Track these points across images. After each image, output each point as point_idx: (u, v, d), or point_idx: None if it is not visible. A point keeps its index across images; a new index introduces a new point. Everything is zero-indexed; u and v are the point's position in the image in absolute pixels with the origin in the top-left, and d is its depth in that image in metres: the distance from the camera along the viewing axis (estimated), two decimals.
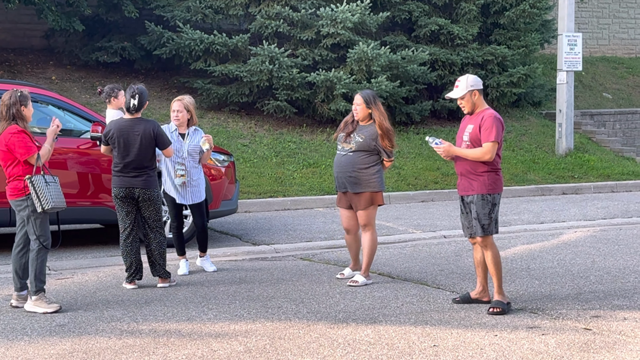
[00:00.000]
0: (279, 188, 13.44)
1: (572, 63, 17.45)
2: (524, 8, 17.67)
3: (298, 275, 8.30)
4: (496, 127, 6.70)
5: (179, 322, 6.53)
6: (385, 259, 9.10)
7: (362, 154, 7.79)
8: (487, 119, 6.75)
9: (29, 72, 16.32)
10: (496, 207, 6.83)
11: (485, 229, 6.78)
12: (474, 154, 6.74)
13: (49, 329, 6.35)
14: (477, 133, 6.76)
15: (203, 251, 8.54)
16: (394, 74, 16.13)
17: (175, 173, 8.13)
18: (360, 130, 7.86)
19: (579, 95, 20.84)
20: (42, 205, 6.71)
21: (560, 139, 17.40)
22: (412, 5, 17.32)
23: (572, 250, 9.58)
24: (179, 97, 8.34)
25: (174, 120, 8.21)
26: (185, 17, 16.26)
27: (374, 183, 7.81)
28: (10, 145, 6.77)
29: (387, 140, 7.79)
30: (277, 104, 15.91)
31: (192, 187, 8.21)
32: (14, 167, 6.83)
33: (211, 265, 8.50)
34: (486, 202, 6.77)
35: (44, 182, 6.75)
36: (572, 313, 6.73)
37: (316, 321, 6.52)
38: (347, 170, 7.81)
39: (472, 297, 7.05)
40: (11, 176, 6.85)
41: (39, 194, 6.71)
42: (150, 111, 15.55)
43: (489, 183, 6.77)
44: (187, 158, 8.16)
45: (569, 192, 15.17)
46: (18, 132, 6.77)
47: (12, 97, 6.84)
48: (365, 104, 7.86)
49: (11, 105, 6.82)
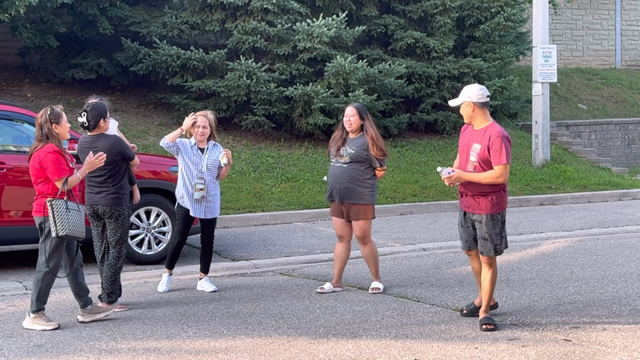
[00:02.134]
0: (258, 203, 13.40)
1: (547, 75, 17.58)
2: (498, 21, 17.80)
3: (278, 291, 8.27)
4: (506, 148, 6.60)
5: (158, 340, 6.48)
6: (364, 272, 9.09)
7: (357, 165, 7.98)
8: (496, 140, 6.60)
9: (4, 90, 16.20)
10: (504, 224, 6.79)
11: (497, 249, 6.73)
12: (487, 178, 6.61)
13: (27, 349, 6.28)
14: (486, 154, 6.63)
15: (205, 272, 8.36)
16: (371, 87, 16.17)
17: (194, 187, 8.09)
18: (350, 143, 8.04)
19: (555, 106, 21.00)
20: (57, 230, 6.70)
21: (536, 150, 17.51)
22: (387, 19, 17.40)
23: (551, 261, 9.62)
24: (203, 112, 8.28)
25: (199, 136, 8.14)
26: (161, 33, 16.23)
27: (366, 196, 8.01)
28: (43, 164, 6.80)
29: (378, 149, 7.96)
30: (255, 118, 15.89)
31: (207, 202, 8.16)
32: (43, 184, 6.86)
33: (211, 285, 8.32)
34: (496, 221, 6.71)
35: (65, 208, 6.75)
36: (552, 324, 6.75)
37: (297, 337, 6.50)
38: (342, 182, 8.01)
39: (477, 306, 6.99)
40: (40, 193, 6.89)
41: (56, 218, 6.70)
42: (127, 127, 15.47)
43: (497, 202, 6.69)
44: (205, 172, 8.14)
45: (546, 203, 15.26)
46: (54, 152, 6.80)
47: (43, 116, 6.86)
48: (358, 115, 8.05)
49: (42, 124, 6.84)
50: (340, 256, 8.23)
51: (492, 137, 6.62)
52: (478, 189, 6.68)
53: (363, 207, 8.02)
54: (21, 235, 9.14)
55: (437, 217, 13.45)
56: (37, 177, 6.88)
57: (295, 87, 15.69)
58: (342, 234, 8.21)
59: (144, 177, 9.63)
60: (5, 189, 8.99)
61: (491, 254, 6.73)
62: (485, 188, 6.65)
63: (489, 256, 6.74)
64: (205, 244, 8.32)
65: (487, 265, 6.80)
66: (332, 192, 8.13)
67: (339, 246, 8.25)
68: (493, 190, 6.65)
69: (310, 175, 14.80)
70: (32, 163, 6.89)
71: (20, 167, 9.05)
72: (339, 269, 8.24)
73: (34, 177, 6.90)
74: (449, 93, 17.73)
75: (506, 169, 6.58)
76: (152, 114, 16.66)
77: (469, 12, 17.95)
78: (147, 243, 9.64)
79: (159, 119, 16.42)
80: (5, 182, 9.00)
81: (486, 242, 6.69)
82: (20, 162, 9.13)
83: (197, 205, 8.15)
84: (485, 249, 6.72)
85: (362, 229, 8.07)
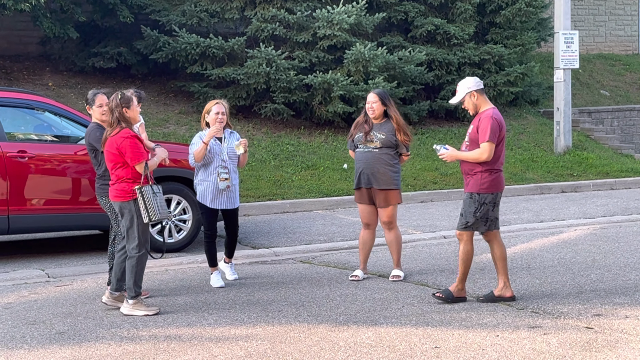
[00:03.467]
0: (278, 191, 13.41)
1: (569, 61, 17.43)
2: (519, 7, 17.66)
3: (298, 279, 8.28)
4: (491, 127, 6.82)
5: (179, 328, 6.51)
6: (385, 260, 9.08)
7: (387, 150, 7.97)
8: (483, 120, 6.89)
9: (25, 79, 16.30)
10: (484, 207, 6.93)
11: (467, 225, 6.97)
12: (472, 156, 6.92)
13: (49, 337, 6.33)
14: (475, 133, 6.93)
15: (229, 257, 8.31)
16: (391, 75, 16.12)
17: (219, 177, 7.93)
18: (378, 129, 8.00)
19: (577, 93, 20.83)
20: (150, 216, 6.79)
21: (558, 137, 17.38)
22: (407, 6, 17.32)
23: (573, 249, 9.57)
24: (217, 100, 8.10)
25: (218, 123, 7.90)
26: (180, 22, 16.24)
27: (395, 181, 8.02)
28: (122, 149, 6.81)
29: (404, 134, 7.97)
30: (274, 106, 15.88)
31: (229, 192, 7.99)
32: (122, 169, 6.87)
33: (233, 273, 8.26)
34: (473, 201, 6.94)
35: (152, 193, 6.83)
36: (574, 312, 6.71)
37: (317, 324, 6.50)
38: (373, 166, 7.96)
39: (496, 295, 7.09)
40: (119, 178, 6.89)
41: (147, 205, 6.79)
42: (148, 116, 15.52)
43: (481, 182, 6.92)
44: (227, 161, 7.98)
45: (568, 190, 15.16)
46: (131, 137, 6.83)
47: (114, 101, 6.88)
48: (381, 102, 8.01)
49: (114, 108, 6.87)
50: (367, 244, 8.23)
51: (482, 116, 6.94)
52: (466, 168, 7.02)
53: (392, 193, 8.01)
54: (43, 224, 9.21)
55: (457, 205, 13.39)
56: (115, 162, 6.88)
57: (314, 74, 15.66)
58: (370, 222, 8.18)
59: (165, 165, 9.62)
60: (27, 177, 9.05)
61: (460, 228, 7.01)
62: (474, 167, 6.94)
63: (458, 230, 7.04)
64: (230, 234, 8.17)
65: (460, 241, 7.06)
66: (360, 179, 8.05)
67: (365, 234, 8.22)
68: (478, 170, 6.93)
69: (330, 163, 14.79)
70: (108, 148, 6.88)
71: (42, 156, 9.12)
72: (366, 256, 8.24)
73: (112, 162, 6.89)
74: None
75: (490, 147, 6.84)
76: (172, 102, 16.71)
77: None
78: (167, 231, 9.67)
79: (179, 107, 16.46)
80: (27, 171, 9.05)
81: (460, 217, 7.02)
82: (42, 151, 9.19)
83: (219, 196, 7.97)
84: (458, 223, 7.05)
85: (390, 214, 8.05)
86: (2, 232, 9.11)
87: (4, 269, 8.84)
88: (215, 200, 7.99)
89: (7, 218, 8.96)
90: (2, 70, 16.41)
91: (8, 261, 9.27)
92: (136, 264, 6.90)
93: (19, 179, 8.98)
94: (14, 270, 8.80)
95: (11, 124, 9.43)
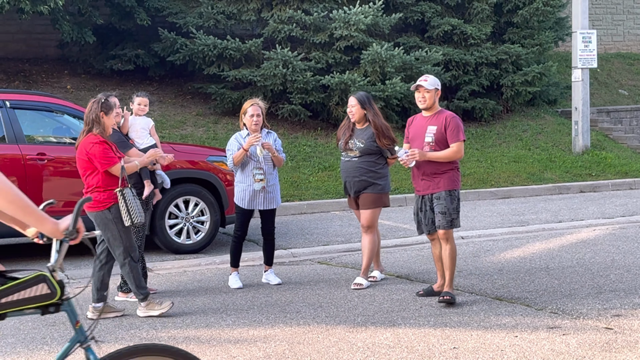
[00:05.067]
0: (295, 192, 13.43)
1: (587, 60, 17.35)
2: (537, 6, 17.60)
3: (316, 280, 8.28)
4: (461, 127, 7.13)
5: (198, 329, 6.53)
6: (403, 261, 9.07)
7: (368, 157, 7.81)
8: (452, 121, 7.12)
9: (44, 82, 16.41)
10: (459, 202, 7.19)
11: (453, 222, 7.10)
12: (447, 155, 7.08)
13: (68, 338, 6.35)
14: (442, 134, 7.09)
15: (269, 264, 8.22)
16: (408, 75, 16.10)
17: (254, 178, 7.90)
18: (358, 135, 7.84)
19: (595, 92, 20.72)
20: (132, 219, 6.59)
21: (576, 137, 17.30)
22: (424, 6, 17.30)
23: (592, 249, 9.51)
24: (253, 101, 8.03)
25: (253, 125, 7.89)
26: (197, 23, 16.30)
27: (380, 185, 7.83)
28: (91, 155, 6.62)
29: (384, 138, 7.76)
30: (291, 107, 15.91)
31: (266, 193, 7.95)
32: (93, 177, 6.68)
33: (275, 278, 8.16)
34: (453, 197, 7.13)
35: (132, 195, 6.64)
36: (593, 312, 6.68)
37: (335, 325, 6.50)
38: (354, 175, 7.84)
39: (435, 290, 7.34)
40: (90, 186, 6.70)
41: (129, 207, 6.58)
42: (165, 118, 15.59)
43: (454, 179, 7.16)
44: (263, 162, 7.92)
45: (586, 190, 15.07)
46: (100, 142, 6.61)
47: (95, 103, 6.68)
48: (359, 105, 7.83)
49: (92, 110, 6.67)
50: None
51: (448, 118, 7.15)
52: (435, 169, 7.11)
53: (371, 196, 7.81)
54: None
55: (475, 205, 13.36)
56: (86, 169, 6.70)
57: (331, 75, 15.68)
58: None
59: (182, 167, 9.70)
60: (46, 179, 9.11)
61: (448, 227, 7.09)
62: (442, 166, 7.10)
63: (445, 229, 7.09)
64: (266, 236, 8.13)
65: (444, 241, 7.15)
66: (345, 187, 7.98)
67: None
68: (449, 168, 7.12)
69: None
70: (78, 155, 6.72)
71: (60, 158, 9.18)
72: (377, 256, 8.20)
73: (82, 169, 6.71)
74: (487, 80, 17.61)
75: (462, 145, 7.12)
76: (189, 104, 16.76)
77: None
78: (185, 232, 9.71)
79: (197, 109, 16.52)
80: (46, 173, 9.12)
81: (444, 215, 7.08)
82: (61, 153, 9.25)
83: (255, 197, 7.93)
84: (442, 223, 7.09)
85: (368, 217, 7.83)
86: (21, 235, 9.15)
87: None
88: (252, 202, 7.95)
89: None
90: (21, 74, 16.52)
91: (28, 263, 9.33)
92: (130, 270, 6.74)
93: (37, 182, 9.05)
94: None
95: (30, 127, 9.50)
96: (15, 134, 9.13)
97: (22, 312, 3.27)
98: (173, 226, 9.65)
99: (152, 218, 9.40)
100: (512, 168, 15.63)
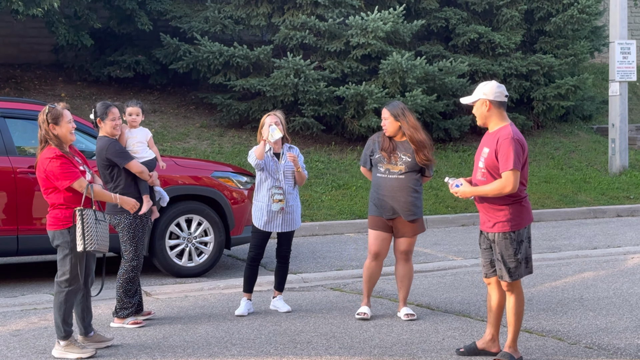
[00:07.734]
0: (307, 212, 13.45)
1: (625, 73, 17.35)
2: (572, 14, 17.63)
3: (328, 307, 8.28)
4: (514, 151, 6.08)
5: (200, 359, 6.53)
6: (423, 288, 9.06)
7: (413, 174, 7.58)
8: (503, 142, 6.13)
9: (36, 89, 16.53)
10: (523, 244, 6.30)
11: (512, 273, 6.25)
12: (493, 190, 6.16)
13: None
14: (493, 159, 6.18)
15: (279, 290, 8.18)
16: (430, 87, 16.14)
17: (272, 198, 7.85)
18: (404, 149, 7.58)
19: (634, 107, 20.70)
20: (85, 244, 6.38)
21: (613, 156, 17.28)
22: (449, 13, 17.36)
23: (630, 279, 9.49)
24: (272, 112, 8.02)
25: (271, 122, 7.84)
26: (203, 29, 16.40)
27: (420, 208, 7.68)
28: (48, 173, 6.48)
29: (423, 155, 7.52)
30: (303, 120, 15.96)
31: (285, 214, 7.90)
32: (54, 194, 6.54)
33: (285, 305, 8.13)
34: (510, 240, 6.23)
35: (94, 219, 6.45)
36: (632, 348, 6.65)
37: (349, 357, 6.50)
38: (400, 196, 7.53)
39: (479, 348, 6.58)
40: (52, 205, 6.57)
41: (85, 230, 6.38)
42: (167, 129, 15.67)
43: (512, 218, 6.22)
44: (282, 181, 7.87)
45: (624, 214, 15.04)
46: (56, 157, 6.45)
47: (41, 116, 6.55)
48: (393, 118, 7.57)
49: (40, 124, 6.57)
50: (374, 275, 7.81)
51: (501, 139, 6.15)
52: (490, 203, 6.27)
53: (419, 222, 7.68)
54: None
55: None
56: (46, 187, 6.54)
57: (347, 86, 15.72)
58: (381, 251, 7.71)
59: (185, 183, 9.74)
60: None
61: (506, 279, 6.27)
62: (497, 201, 6.21)
63: (506, 281, 6.31)
64: (280, 259, 8.12)
65: (507, 292, 6.38)
66: (382, 209, 7.60)
67: (373, 265, 7.77)
68: (507, 202, 6.20)
69: (363, 182, 14.80)
70: (37, 172, 6.61)
71: None
72: (371, 288, 7.90)
73: (43, 186, 6.57)
74: (517, 93, 17.62)
75: (515, 175, 6.06)
76: (192, 115, 16.84)
77: (539, 4, 17.85)
78: (187, 254, 9.73)
79: (200, 121, 16.59)
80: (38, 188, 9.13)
81: (500, 263, 6.27)
82: None
83: (274, 219, 7.88)
84: (500, 272, 6.31)
85: (412, 243, 7.72)
86: (11, 254, 9.22)
87: (12, 293, 8.94)
88: (269, 224, 7.91)
89: (17, 238, 9.07)
90: (12, 80, 16.66)
91: (16, 285, 9.37)
92: (64, 301, 6.55)
93: (29, 197, 9.09)
94: (23, 294, 8.89)
95: (21, 137, 9.55)
96: (6, 145, 9.18)
97: None
98: (174, 247, 9.68)
99: (152, 238, 9.45)
100: (543, 189, 15.62)
